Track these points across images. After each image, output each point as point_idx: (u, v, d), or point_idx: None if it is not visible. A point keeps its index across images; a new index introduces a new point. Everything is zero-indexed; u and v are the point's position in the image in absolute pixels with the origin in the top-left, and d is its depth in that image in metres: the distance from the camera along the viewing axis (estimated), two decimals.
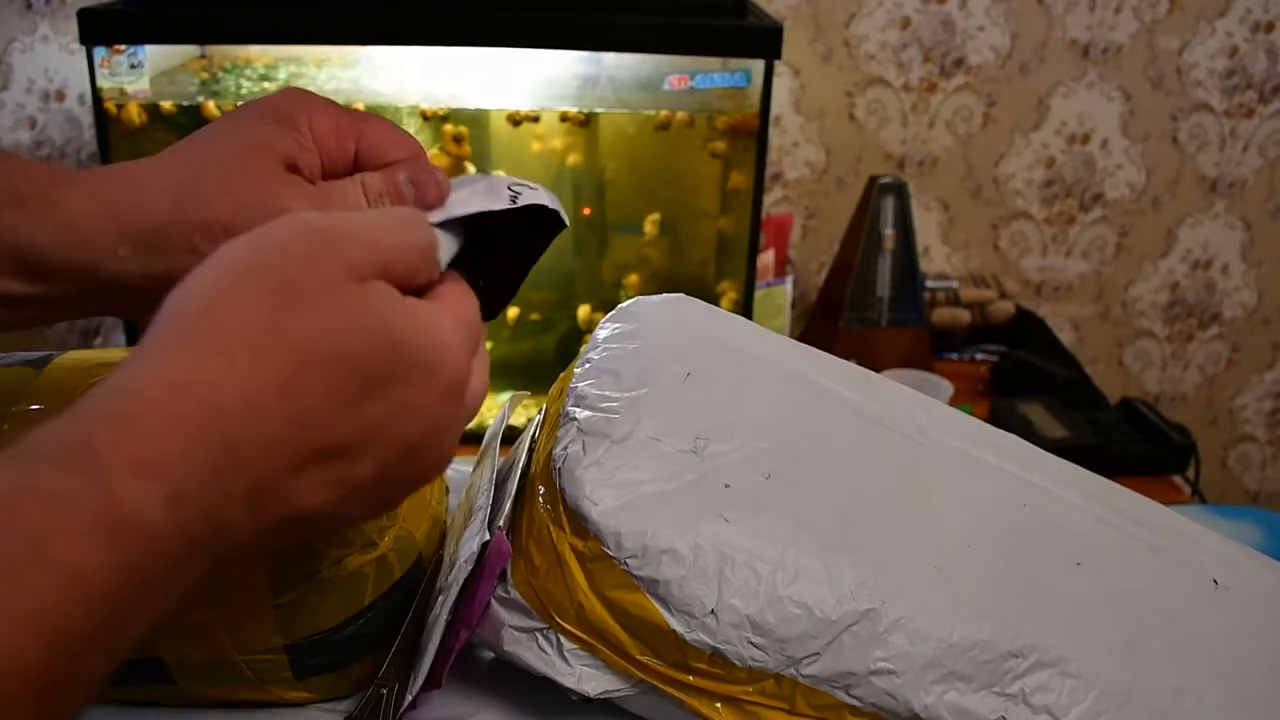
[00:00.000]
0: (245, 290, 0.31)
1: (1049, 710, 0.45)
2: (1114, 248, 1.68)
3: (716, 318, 0.58)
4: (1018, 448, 0.58)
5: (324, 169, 0.44)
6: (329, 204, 0.42)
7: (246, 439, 0.30)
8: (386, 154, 0.44)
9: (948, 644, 0.44)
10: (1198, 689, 0.47)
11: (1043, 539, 0.51)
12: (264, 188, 0.42)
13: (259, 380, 0.30)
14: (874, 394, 0.56)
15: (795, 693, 0.45)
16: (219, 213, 0.41)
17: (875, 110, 1.56)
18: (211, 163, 0.42)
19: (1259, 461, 1.85)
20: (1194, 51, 1.56)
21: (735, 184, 1.15)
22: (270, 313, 0.31)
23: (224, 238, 0.40)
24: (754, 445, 0.49)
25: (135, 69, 1.03)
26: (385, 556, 0.52)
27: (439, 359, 0.34)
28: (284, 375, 0.31)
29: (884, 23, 1.52)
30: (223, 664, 0.51)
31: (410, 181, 0.43)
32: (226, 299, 0.31)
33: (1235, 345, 1.76)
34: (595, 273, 1.21)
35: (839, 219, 1.52)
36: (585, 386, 0.51)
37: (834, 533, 0.46)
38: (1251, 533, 0.95)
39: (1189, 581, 0.53)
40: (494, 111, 1.11)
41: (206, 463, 0.29)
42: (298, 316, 0.31)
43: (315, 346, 0.31)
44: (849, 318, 1.37)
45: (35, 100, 1.37)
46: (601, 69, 1.13)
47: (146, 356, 0.30)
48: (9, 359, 0.57)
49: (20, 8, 1.33)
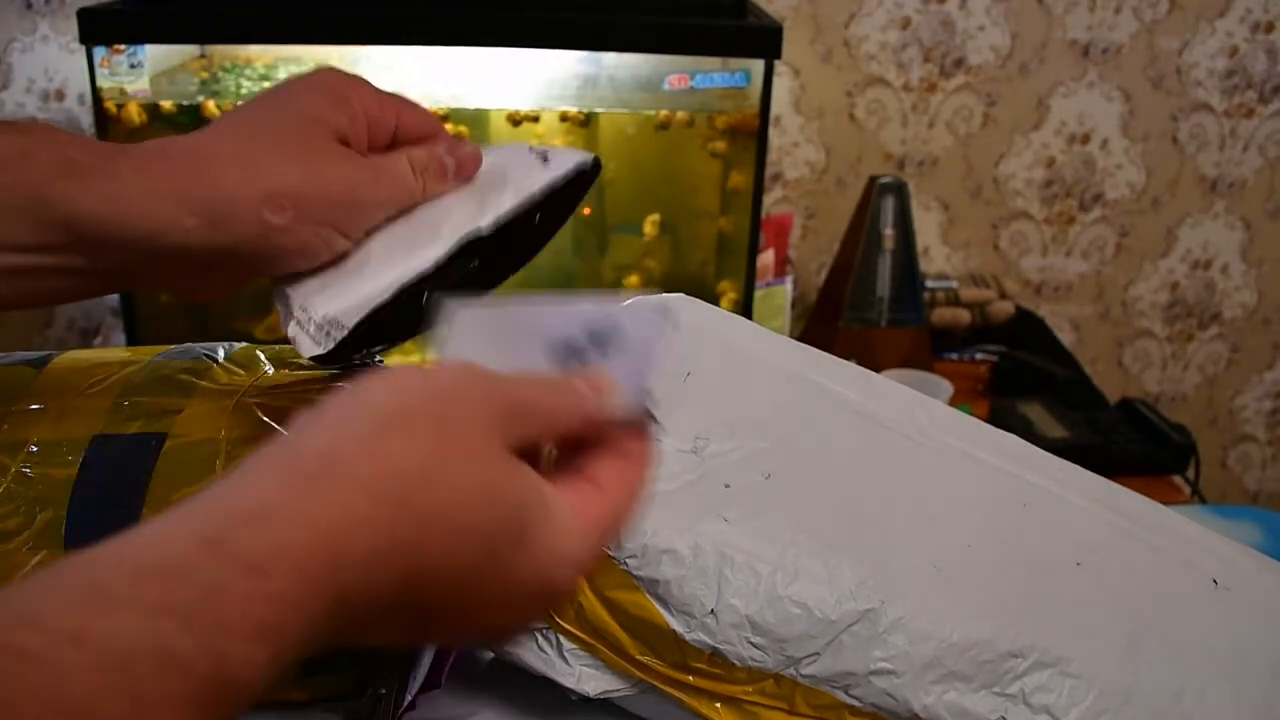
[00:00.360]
0: (415, 431, 0.30)
1: (1049, 710, 0.45)
2: (1114, 248, 1.68)
3: (716, 318, 0.58)
4: (1018, 448, 0.58)
5: (368, 144, 0.46)
6: (381, 175, 0.44)
7: (358, 592, 0.28)
8: (417, 132, 0.47)
9: (947, 644, 0.44)
10: (1198, 689, 0.47)
11: (1043, 539, 0.51)
12: (324, 159, 0.43)
13: (394, 538, 0.29)
14: (874, 394, 0.56)
15: (795, 693, 0.45)
16: (286, 184, 0.42)
17: (875, 110, 1.56)
18: (272, 135, 0.43)
19: (1259, 461, 1.85)
20: (1194, 51, 1.56)
21: (735, 184, 1.14)
22: (428, 465, 0.30)
23: (291, 209, 0.42)
24: (754, 445, 0.49)
25: (135, 69, 1.03)
26: None
27: (555, 572, 0.33)
28: (413, 537, 0.29)
29: (884, 23, 1.52)
30: None
31: (451, 154, 0.46)
32: (392, 435, 0.30)
33: (1235, 345, 1.76)
34: (595, 272, 1.20)
35: (839, 219, 1.52)
36: None
37: (834, 533, 0.46)
38: (1251, 533, 0.95)
39: (1189, 581, 0.53)
40: (494, 111, 1.11)
41: (316, 616, 0.27)
42: (449, 478, 0.30)
43: (451, 511, 0.30)
44: (849, 318, 1.37)
45: (35, 100, 1.37)
46: (601, 69, 1.13)
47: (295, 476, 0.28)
48: (9, 359, 0.57)
49: (20, 8, 1.33)
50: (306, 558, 0.27)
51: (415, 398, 0.31)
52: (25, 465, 0.54)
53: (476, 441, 0.31)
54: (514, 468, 0.32)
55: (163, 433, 0.54)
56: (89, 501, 0.51)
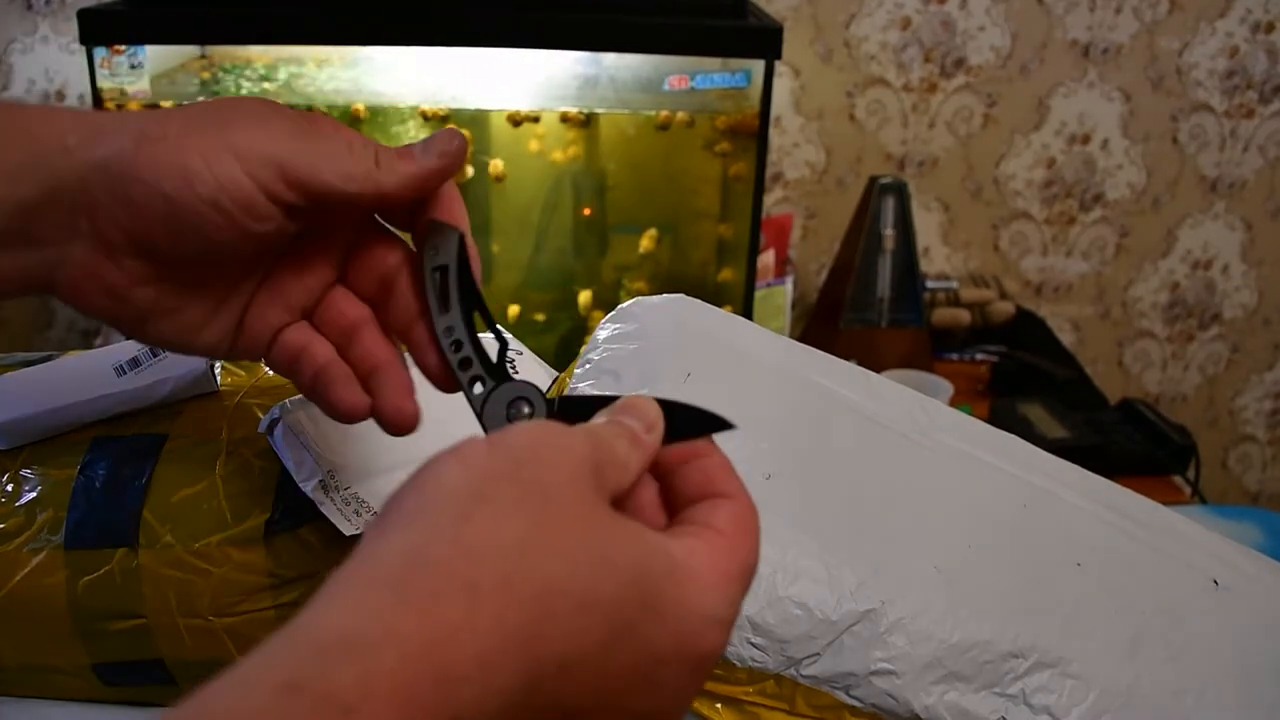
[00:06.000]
0: (499, 502, 0.26)
1: (1049, 711, 0.45)
2: (1114, 248, 1.68)
3: (717, 318, 0.58)
4: (1018, 448, 0.58)
5: None
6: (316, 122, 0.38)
7: (475, 707, 0.24)
8: None
9: (948, 644, 0.44)
10: (1198, 689, 0.47)
11: (1043, 539, 0.51)
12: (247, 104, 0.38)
13: (504, 632, 0.25)
14: (874, 394, 0.56)
15: (795, 693, 0.45)
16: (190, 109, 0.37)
17: (875, 110, 1.56)
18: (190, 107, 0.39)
19: (1259, 462, 1.84)
20: (1194, 52, 1.56)
21: (735, 185, 1.14)
22: (525, 536, 0.26)
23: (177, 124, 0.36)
24: (754, 446, 0.49)
25: (135, 69, 1.03)
26: None
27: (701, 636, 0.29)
28: (526, 624, 0.25)
29: (884, 23, 1.52)
30: (223, 664, 0.51)
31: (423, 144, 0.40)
32: (475, 514, 0.26)
33: (1235, 345, 1.76)
34: (595, 272, 1.21)
35: (839, 219, 1.52)
36: (585, 387, 0.51)
37: (834, 533, 0.46)
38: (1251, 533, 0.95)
39: (1189, 581, 0.53)
40: (494, 112, 1.11)
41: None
42: (551, 547, 0.26)
43: (563, 585, 0.26)
44: (849, 318, 1.37)
45: (35, 100, 1.37)
46: (601, 69, 1.13)
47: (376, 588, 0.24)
48: (9, 359, 0.57)
49: (20, 8, 1.33)
50: (403, 684, 0.23)
51: (490, 467, 0.27)
52: (25, 465, 0.54)
53: (571, 501, 0.27)
54: (624, 525, 0.28)
55: (163, 433, 0.54)
56: (89, 501, 0.51)
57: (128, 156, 0.36)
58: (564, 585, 0.26)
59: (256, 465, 0.52)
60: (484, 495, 0.26)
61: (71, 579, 0.51)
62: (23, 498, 0.52)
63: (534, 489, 0.27)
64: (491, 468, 0.27)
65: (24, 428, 0.53)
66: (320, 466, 0.49)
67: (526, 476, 0.27)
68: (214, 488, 0.51)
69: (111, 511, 0.51)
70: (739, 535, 0.31)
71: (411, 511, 0.26)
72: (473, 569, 0.25)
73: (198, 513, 0.51)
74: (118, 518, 0.51)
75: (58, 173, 0.36)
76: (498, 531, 0.26)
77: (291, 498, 0.50)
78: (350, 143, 0.38)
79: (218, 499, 0.51)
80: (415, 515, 0.26)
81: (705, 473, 0.33)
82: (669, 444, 0.33)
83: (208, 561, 0.50)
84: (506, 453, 0.28)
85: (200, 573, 0.50)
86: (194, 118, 0.37)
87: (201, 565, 0.50)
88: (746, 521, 0.32)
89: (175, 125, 0.36)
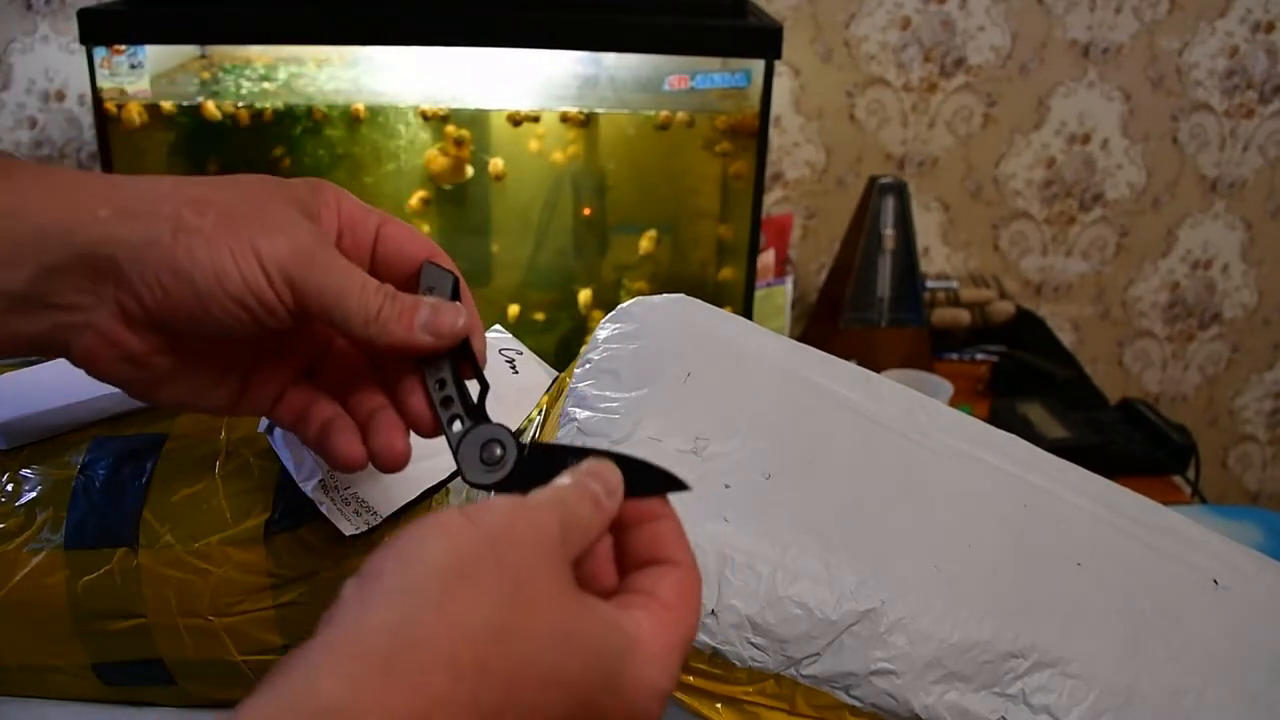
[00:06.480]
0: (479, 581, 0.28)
1: (1049, 710, 0.45)
2: (1114, 248, 1.68)
3: (717, 318, 0.58)
4: (1018, 448, 0.58)
5: (341, 245, 0.42)
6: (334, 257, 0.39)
7: None
8: (405, 247, 0.43)
9: (948, 644, 0.44)
10: (1198, 689, 0.47)
11: (1043, 539, 0.51)
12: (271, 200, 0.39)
13: (477, 710, 0.27)
14: (874, 394, 0.56)
15: (795, 693, 0.45)
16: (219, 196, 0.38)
17: (875, 110, 1.56)
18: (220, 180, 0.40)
19: (1259, 461, 1.84)
20: (1194, 51, 1.56)
21: (735, 184, 1.14)
22: (501, 620, 0.28)
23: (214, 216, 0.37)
24: (754, 445, 0.49)
25: (135, 69, 1.03)
26: None
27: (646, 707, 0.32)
28: (499, 701, 0.27)
29: (884, 23, 1.52)
30: (223, 664, 0.51)
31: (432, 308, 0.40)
32: (457, 592, 0.28)
33: (1235, 345, 1.76)
34: (595, 272, 1.21)
35: (839, 219, 1.52)
36: (585, 387, 0.51)
37: (834, 533, 0.46)
38: (1251, 533, 0.95)
39: (1189, 581, 0.53)
40: (494, 112, 1.11)
41: None
42: (523, 630, 0.28)
43: (533, 663, 0.28)
44: (849, 318, 1.37)
45: (35, 100, 1.37)
46: (601, 69, 1.13)
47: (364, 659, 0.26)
48: (9, 359, 0.57)
49: (20, 8, 1.33)
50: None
51: (470, 545, 0.29)
52: (25, 465, 0.54)
53: (542, 582, 0.30)
54: (587, 605, 0.31)
55: (163, 433, 0.54)
56: (89, 501, 0.51)
57: (165, 245, 0.37)
58: (533, 665, 0.28)
59: (256, 465, 0.52)
60: (465, 573, 0.28)
61: (71, 579, 0.51)
62: (23, 497, 0.52)
63: (508, 569, 0.29)
64: (471, 546, 0.29)
65: (24, 428, 0.53)
66: (320, 466, 0.49)
67: (503, 555, 0.29)
68: (214, 488, 0.51)
69: (111, 511, 0.51)
70: (682, 606, 0.34)
71: (397, 585, 0.28)
72: (456, 645, 0.27)
73: (197, 513, 0.51)
74: (117, 517, 0.51)
75: (88, 241, 0.37)
76: (477, 610, 0.28)
77: (291, 498, 0.50)
78: (364, 286, 0.39)
79: (218, 499, 0.51)
80: (401, 590, 0.28)
81: (657, 537, 0.35)
82: (627, 499, 0.35)
83: (207, 561, 0.50)
84: (485, 531, 0.30)
85: (200, 572, 0.50)
86: (227, 213, 0.38)
87: (201, 565, 0.50)
88: (690, 591, 0.35)
89: (210, 219, 0.37)
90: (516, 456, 0.39)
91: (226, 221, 0.37)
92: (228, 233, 0.37)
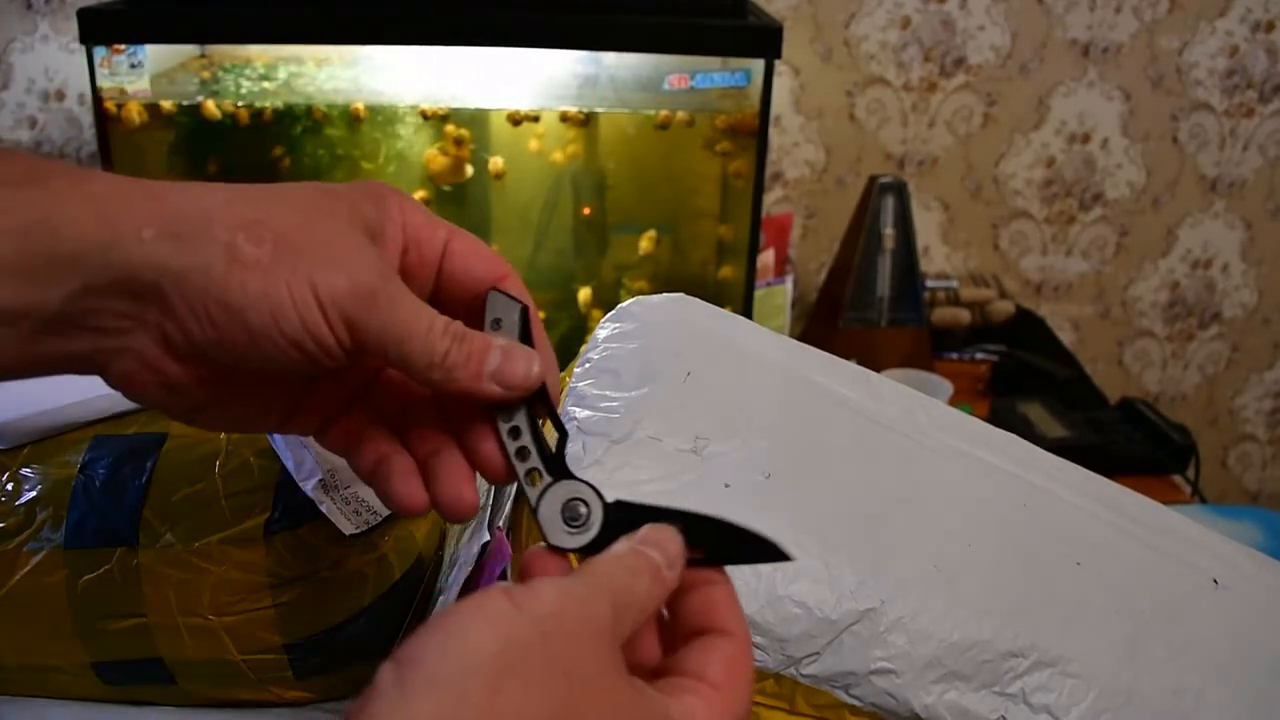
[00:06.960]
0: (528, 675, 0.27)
1: (1049, 710, 0.45)
2: (1114, 247, 1.68)
3: (716, 318, 0.58)
4: (1018, 448, 0.57)
5: (406, 261, 0.39)
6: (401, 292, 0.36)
7: None
8: (473, 267, 0.39)
9: (948, 644, 0.44)
10: (1198, 689, 0.47)
11: (1043, 539, 0.51)
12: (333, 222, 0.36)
13: None
14: (874, 394, 0.56)
15: (795, 692, 0.45)
16: (278, 220, 0.35)
17: (875, 110, 1.56)
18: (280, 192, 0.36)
19: (1259, 461, 1.84)
20: (1194, 51, 1.56)
21: (735, 184, 1.14)
22: (552, 710, 0.27)
23: (271, 245, 0.34)
24: (754, 445, 0.49)
25: (135, 69, 1.03)
26: (385, 557, 0.52)
27: None
28: None
29: (884, 22, 1.51)
30: (223, 664, 0.51)
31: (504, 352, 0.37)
32: (507, 687, 0.26)
33: (1235, 345, 1.76)
34: (595, 272, 1.21)
35: (839, 219, 1.52)
36: (585, 386, 0.51)
37: (834, 533, 0.46)
38: (1251, 533, 0.95)
39: (1189, 581, 0.53)
40: (494, 111, 1.11)
41: None
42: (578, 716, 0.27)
43: None
44: (849, 318, 1.37)
45: (35, 100, 1.37)
46: (601, 69, 1.13)
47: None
48: None
49: (20, 8, 1.33)
50: None
51: (517, 633, 0.28)
52: (25, 465, 0.54)
53: (594, 675, 0.28)
54: (638, 695, 0.30)
55: (163, 432, 0.54)
56: (89, 500, 0.51)
57: (216, 276, 0.33)
58: None
59: (256, 465, 0.52)
60: (513, 666, 0.27)
61: (71, 578, 0.51)
62: (23, 497, 0.52)
63: (559, 662, 0.28)
64: (519, 635, 0.27)
65: (24, 428, 0.53)
66: (320, 466, 0.49)
67: (552, 647, 0.28)
68: (214, 487, 0.51)
69: (111, 510, 0.51)
70: (732, 686, 0.32)
71: (439, 675, 0.26)
72: None
73: (198, 512, 0.51)
74: (118, 517, 0.51)
75: (130, 262, 0.33)
76: (528, 708, 0.26)
77: (291, 497, 0.50)
78: (430, 327, 0.36)
79: (217, 498, 0.51)
80: (445, 682, 0.26)
81: (710, 604, 0.34)
82: (717, 564, 0.34)
83: (207, 560, 0.50)
84: (533, 620, 0.28)
85: (200, 572, 0.50)
86: (285, 242, 0.34)
87: (201, 564, 0.50)
88: (741, 665, 0.33)
89: (267, 249, 0.34)
90: (603, 519, 0.35)
91: (284, 253, 0.34)
92: (285, 266, 0.34)
